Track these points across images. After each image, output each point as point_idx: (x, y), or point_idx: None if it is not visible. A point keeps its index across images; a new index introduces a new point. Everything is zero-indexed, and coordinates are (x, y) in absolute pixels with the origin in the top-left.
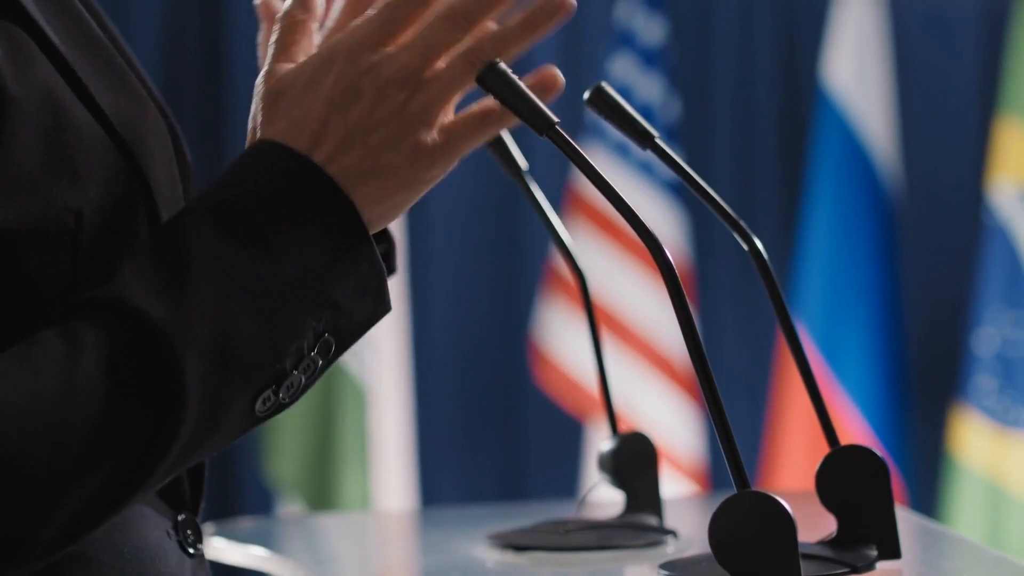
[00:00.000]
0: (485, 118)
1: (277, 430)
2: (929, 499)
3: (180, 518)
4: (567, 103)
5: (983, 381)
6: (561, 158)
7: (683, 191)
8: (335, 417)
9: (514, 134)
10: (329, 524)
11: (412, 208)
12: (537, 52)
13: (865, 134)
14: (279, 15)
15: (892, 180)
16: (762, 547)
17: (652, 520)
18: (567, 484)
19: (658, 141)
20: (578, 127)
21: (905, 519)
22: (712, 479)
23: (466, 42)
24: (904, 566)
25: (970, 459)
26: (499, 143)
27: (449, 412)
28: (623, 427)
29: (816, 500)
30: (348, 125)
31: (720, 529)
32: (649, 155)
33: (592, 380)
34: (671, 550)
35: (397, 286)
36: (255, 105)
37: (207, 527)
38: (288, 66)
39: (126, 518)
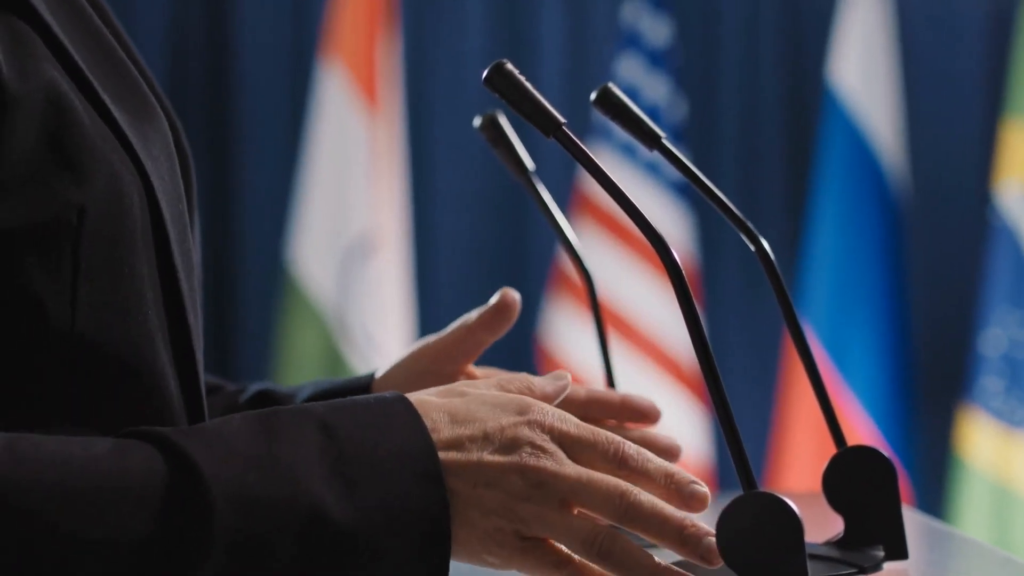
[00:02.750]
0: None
1: None
2: (936, 499)
3: None
4: (574, 104)
5: (990, 382)
6: (568, 159)
7: (690, 192)
8: None
9: (521, 135)
10: None
11: (420, 208)
12: (545, 53)
13: (871, 135)
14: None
15: (898, 181)
16: (769, 548)
17: None
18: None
19: (665, 142)
20: (585, 128)
21: (912, 519)
22: (719, 480)
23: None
24: (911, 567)
25: (977, 460)
26: (506, 144)
27: None
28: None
29: (823, 501)
30: (470, 461)
31: (727, 530)
32: (656, 156)
33: (599, 381)
34: None
35: (404, 286)
36: (462, 383)
37: None
38: (490, 389)
39: None
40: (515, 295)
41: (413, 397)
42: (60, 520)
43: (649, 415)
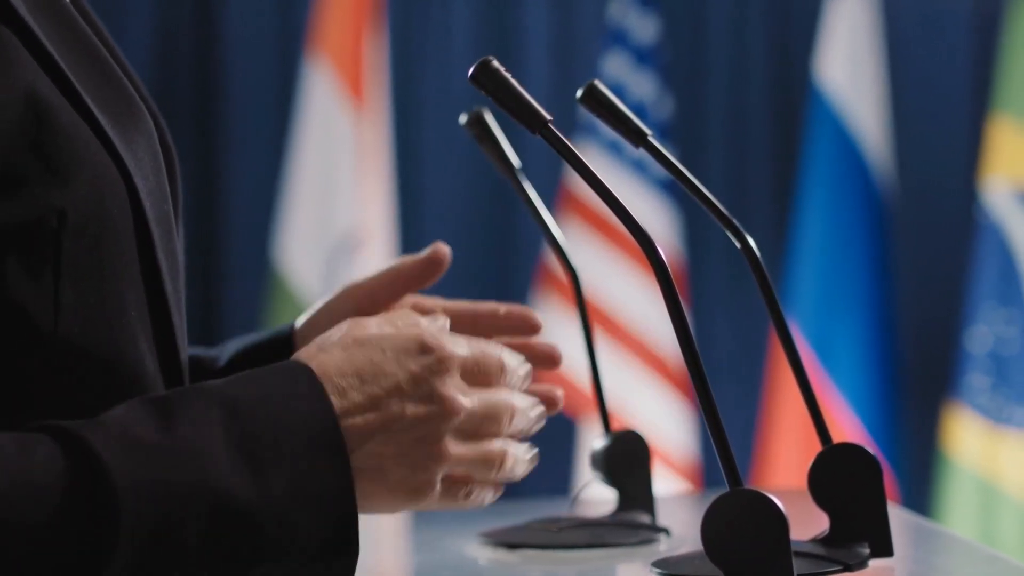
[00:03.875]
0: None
1: None
2: (922, 497)
3: None
4: (560, 101)
5: (976, 379)
6: (554, 156)
7: (676, 189)
8: None
9: (507, 132)
10: None
11: (406, 205)
12: (531, 50)
13: (858, 132)
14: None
15: (885, 178)
16: (755, 545)
17: (644, 518)
18: (560, 482)
19: (651, 139)
20: (571, 125)
21: (898, 517)
22: (705, 477)
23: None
24: (897, 564)
25: (963, 457)
26: (492, 141)
27: None
28: (616, 425)
29: (809, 498)
30: (391, 416)
31: (713, 527)
32: (642, 153)
33: (585, 378)
34: (663, 548)
35: None
36: (341, 328)
37: None
38: (386, 328)
39: None
40: (446, 249)
41: (315, 361)
42: None
43: (530, 325)
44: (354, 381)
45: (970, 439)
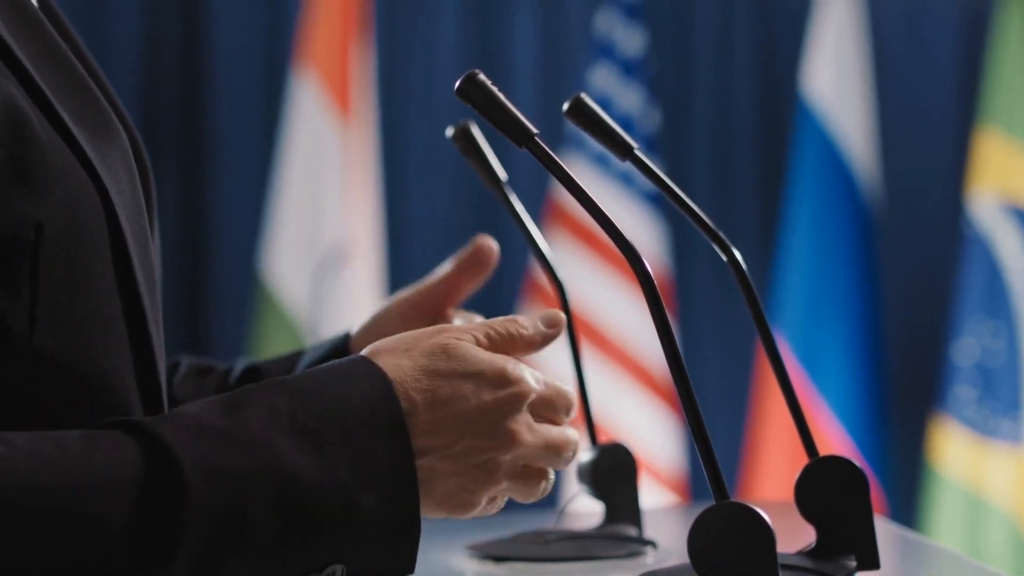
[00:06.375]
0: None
1: None
2: (908, 509)
3: None
4: (546, 114)
5: (962, 391)
6: (540, 169)
7: (662, 202)
8: None
9: (494, 145)
10: None
11: (393, 218)
12: (518, 63)
13: (845, 144)
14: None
15: (872, 190)
16: (741, 557)
17: (631, 531)
18: (547, 495)
19: (637, 152)
20: (557, 138)
21: (884, 529)
22: (691, 489)
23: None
24: None
25: (949, 469)
26: (479, 154)
27: None
28: (603, 438)
29: (795, 510)
30: (462, 443)
31: (699, 539)
32: (628, 166)
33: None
34: (650, 560)
35: (377, 295)
36: (422, 335)
37: None
38: (478, 351)
39: None
40: (491, 241)
41: (389, 362)
42: (36, 513)
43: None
44: (428, 396)
45: (956, 451)
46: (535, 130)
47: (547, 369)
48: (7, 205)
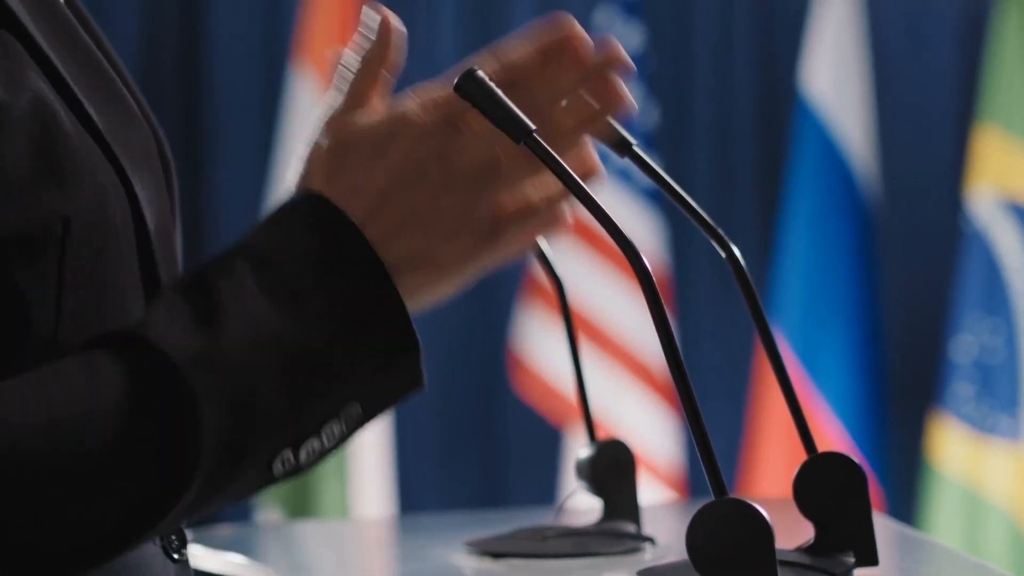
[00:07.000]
0: (548, 213)
1: None
2: (907, 506)
3: None
4: None
5: (961, 388)
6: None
7: (661, 198)
8: None
9: None
10: (307, 531)
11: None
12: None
13: (843, 141)
14: (357, 56)
15: (870, 187)
16: (739, 554)
17: (630, 527)
18: (545, 491)
19: (636, 148)
20: None
21: (883, 526)
22: (690, 486)
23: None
24: (882, 573)
25: (948, 466)
26: None
27: (427, 419)
28: (601, 434)
29: (794, 507)
30: (408, 206)
31: (697, 536)
32: (627, 162)
33: (570, 387)
34: (649, 557)
35: None
36: (315, 148)
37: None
38: (362, 119)
39: None
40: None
41: (320, 186)
42: (41, 437)
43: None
44: (354, 186)
45: (955, 448)
46: (533, 126)
47: (547, 364)
48: (35, 199)
